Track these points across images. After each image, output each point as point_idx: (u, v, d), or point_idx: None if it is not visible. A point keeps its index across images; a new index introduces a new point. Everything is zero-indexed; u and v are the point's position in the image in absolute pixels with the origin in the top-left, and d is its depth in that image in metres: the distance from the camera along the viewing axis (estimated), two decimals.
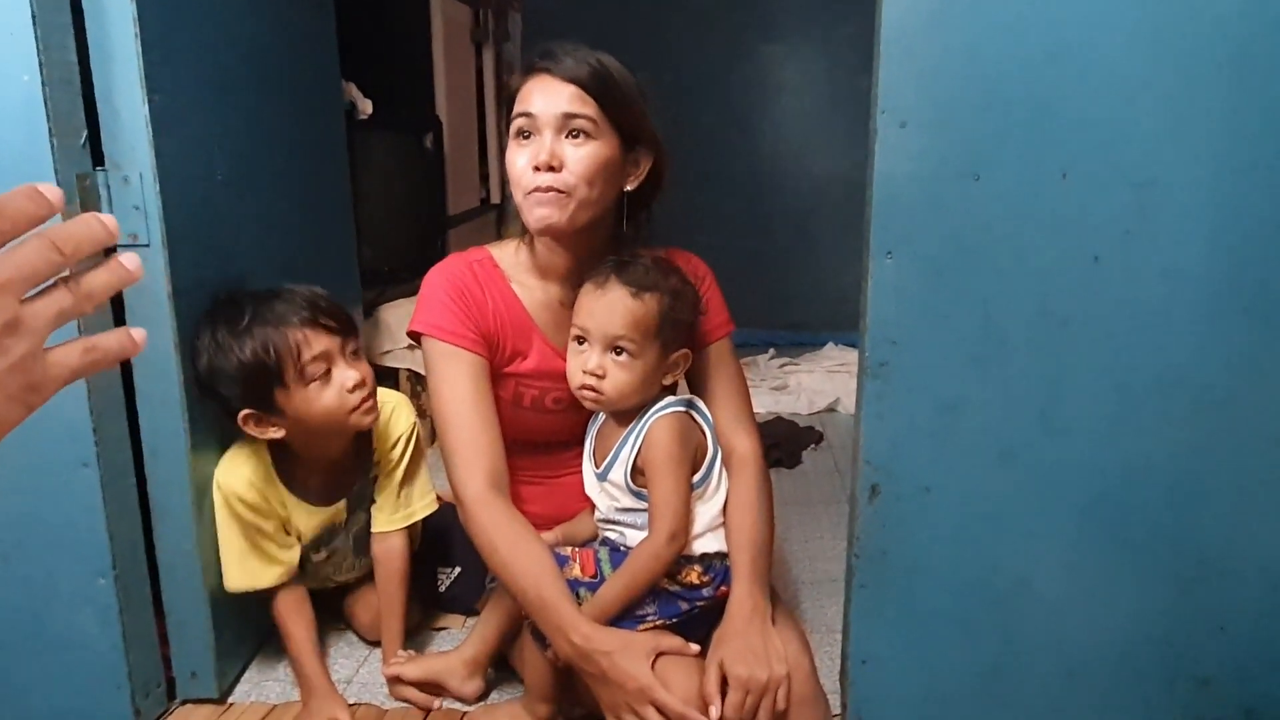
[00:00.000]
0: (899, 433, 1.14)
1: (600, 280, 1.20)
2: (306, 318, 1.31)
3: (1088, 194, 1.05)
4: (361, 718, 1.40)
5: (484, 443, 1.24)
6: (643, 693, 1.09)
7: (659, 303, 1.18)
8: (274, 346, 1.29)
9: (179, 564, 1.37)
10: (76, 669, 1.31)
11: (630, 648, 1.13)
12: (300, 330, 1.30)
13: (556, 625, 1.14)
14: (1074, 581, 1.17)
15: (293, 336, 1.30)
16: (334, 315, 1.35)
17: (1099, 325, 1.09)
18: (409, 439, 1.49)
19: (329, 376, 1.33)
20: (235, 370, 1.29)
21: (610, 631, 1.15)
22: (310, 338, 1.31)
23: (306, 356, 1.30)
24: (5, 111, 1.13)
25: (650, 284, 1.18)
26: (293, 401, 1.32)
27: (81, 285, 0.43)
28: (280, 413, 1.33)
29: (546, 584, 1.16)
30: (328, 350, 1.33)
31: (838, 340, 3.48)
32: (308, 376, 1.31)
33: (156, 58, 1.22)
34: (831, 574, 1.80)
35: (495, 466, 1.24)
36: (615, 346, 1.18)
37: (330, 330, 1.33)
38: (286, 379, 1.30)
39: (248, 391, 1.31)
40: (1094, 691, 1.20)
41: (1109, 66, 1.03)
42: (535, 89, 1.20)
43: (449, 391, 1.26)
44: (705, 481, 1.24)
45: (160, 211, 1.24)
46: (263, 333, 1.29)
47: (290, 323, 1.30)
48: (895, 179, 1.07)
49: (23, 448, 1.22)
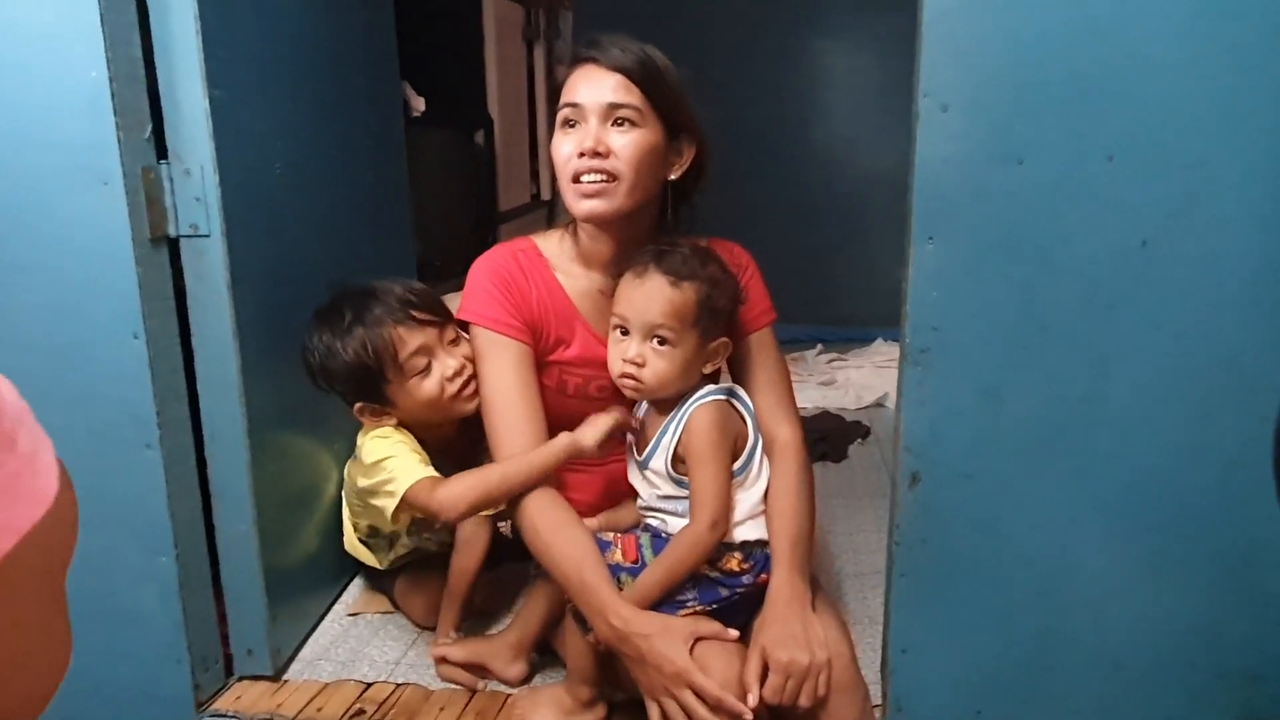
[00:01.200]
0: (940, 419, 1.14)
1: (639, 269, 1.21)
2: (401, 315, 1.38)
3: (1134, 177, 1.04)
4: (408, 698, 1.43)
5: (528, 428, 1.27)
6: (680, 676, 1.11)
7: (697, 291, 1.19)
8: (374, 347, 1.36)
9: (237, 544, 1.41)
10: (138, 644, 1.36)
11: (669, 631, 1.14)
12: (397, 328, 1.37)
13: (597, 608, 1.16)
14: (1118, 571, 1.15)
15: (391, 335, 1.37)
16: (429, 307, 1.41)
17: (1146, 310, 1.07)
18: None
19: (429, 368, 1.39)
20: (343, 370, 1.38)
21: (649, 615, 1.16)
22: (406, 334, 1.38)
23: (405, 353, 1.37)
24: (75, 106, 1.18)
25: (689, 272, 1.19)
26: (399, 394, 1.40)
27: None
28: (390, 403, 1.41)
29: (588, 567, 1.18)
30: (425, 344, 1.39)
31: (887, 336, 3.44)
32: (409, 371, 1.38)
33: (217, 53, 1.27)
34: (875, 566, 1.79)
35: None
36: (654, 335, 1.19)
37: (426, 323, 1.39)
38: (389, 375, 1.38)
39: (357, 387, 1.40)
40: (1138, 683, 1.18)
41: (1156, 44, 1.01)
42: (581, 79, 1.22)
43: (494, 378, 1.29)
44: (746, 469, 1.25)
45: (220, 203, 1.28)
46: (363, 334, 1.37)
47: (387, 322, 1.37)
48: (937, 163, 1.07)
49: (89, 430, 1.28)
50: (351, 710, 1.40)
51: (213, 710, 1.39)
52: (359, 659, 1.55)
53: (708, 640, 1.15)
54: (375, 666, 1.52)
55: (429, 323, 1.39)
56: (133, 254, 1.22)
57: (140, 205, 1.23)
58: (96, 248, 1.23)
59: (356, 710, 1.40)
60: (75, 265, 1.23)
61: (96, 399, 1.27)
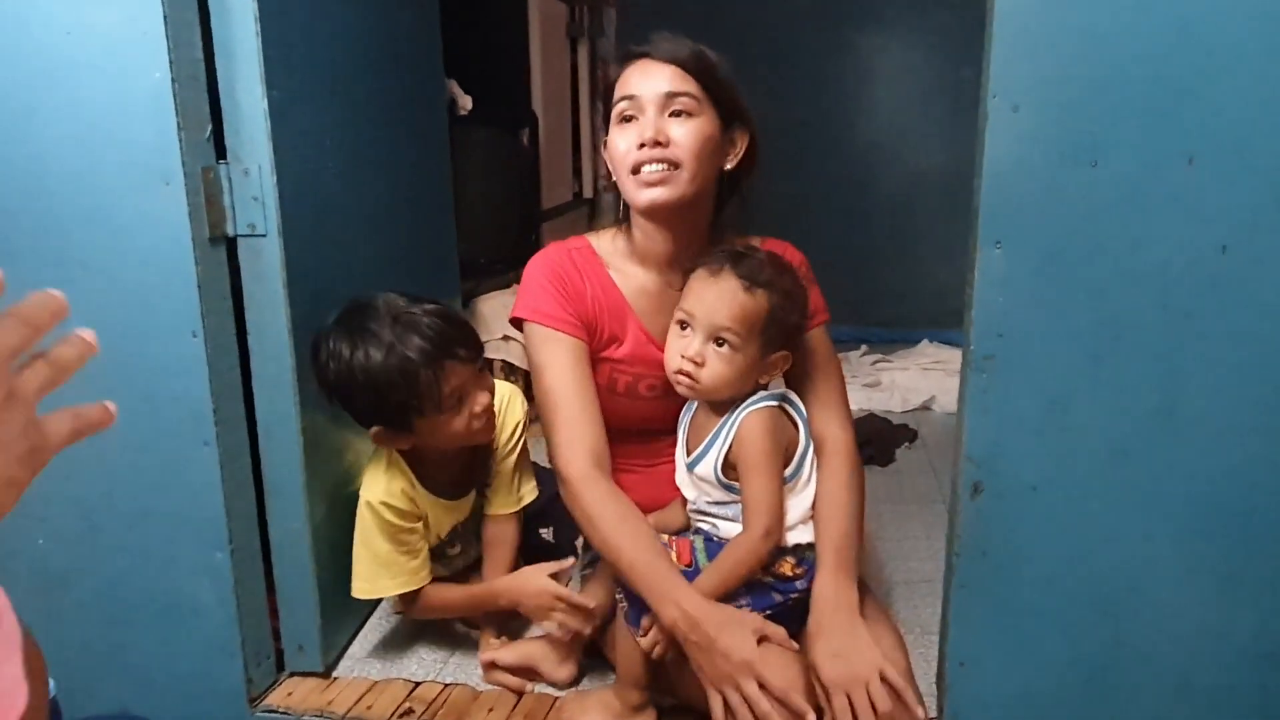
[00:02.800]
0: (1004, 428, 1.11)
1: (714, 268, 1.19)
2: (443, 353, 1.32)
3: (1214, 180, 1.00)
4: (457, 698, 1.43)
5: (586, 422, 1.26)
6: (747, 666, 1.09)
7: (770, 300, 1.17)
8: (420, 381, 1.31)
9: (289, 541, 1.42)
10: (194, 637, 1.38)
11: (738, 621, 1.13)
12: (437, 365, 1.32)
13: (666, 592, 1.15)
14: (1189, 589, 1.11)
15: (433, 372, 1.32)
16: (466, 342, 1.37)
17: (1225, 319, 1.03)
18: (522, 427, 1.54)
19: (461, 404, 1.37)
20: (371, 394, 1.32)
21: (719, 604, 1.16)
22: (447, 373, 1.33)
23: (445, 391, 1.33)
24: (138, 107, 1.20)
25: (765, 280, 1.18)
26: (425, 426, 1.37)
27: (58, 360, 0.49)
28: (414, 431, 1.38)
29: (654, 554, 1.18)
30: (463, 382, 1.36)
31: (933, 337, 3.39)
32: (445, 408, 1.35)
33: (275, 54, 1.27)
34: (926, 574, 1.76)
35: (597, 445, 1.26)
36: (718, 337, 1.18)
37: (464, 360, 1.36)
38: (426, 409, 1.34)
39: (382, 414, 1.36)
40: (1207, 705, 1.14)
41: (1239, 43, 0.97)
42: (635, 73, 1.23)
43: (552, 374, 1.28)
44: (796, 475, 1.24)
45: (277, 202, 1.29)
46: (405, 365, 1.30)
47: (428, 357, 1.31)
48: (1006, 165, 1.04)
49: (149, 427, 1.30)
50: (400, 709, 1.40)
51: (265, 706, 1.41)
52: (407, 657, 1.56)
53: (768, 643, 1.14)
54: (423, 665, 1.53)
55: (466, 359, 1.36)
56: (193, 253, 1.23)
57: (200, 205, 1.24)
58: (157, 247, 1.24)
59: (405, 710, 1.40)
60: (136, 264, 1.25)
61: (155, 396, 1.28)
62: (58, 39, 1.20)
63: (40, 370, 0.48)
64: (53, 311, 0.49)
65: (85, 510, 1.36)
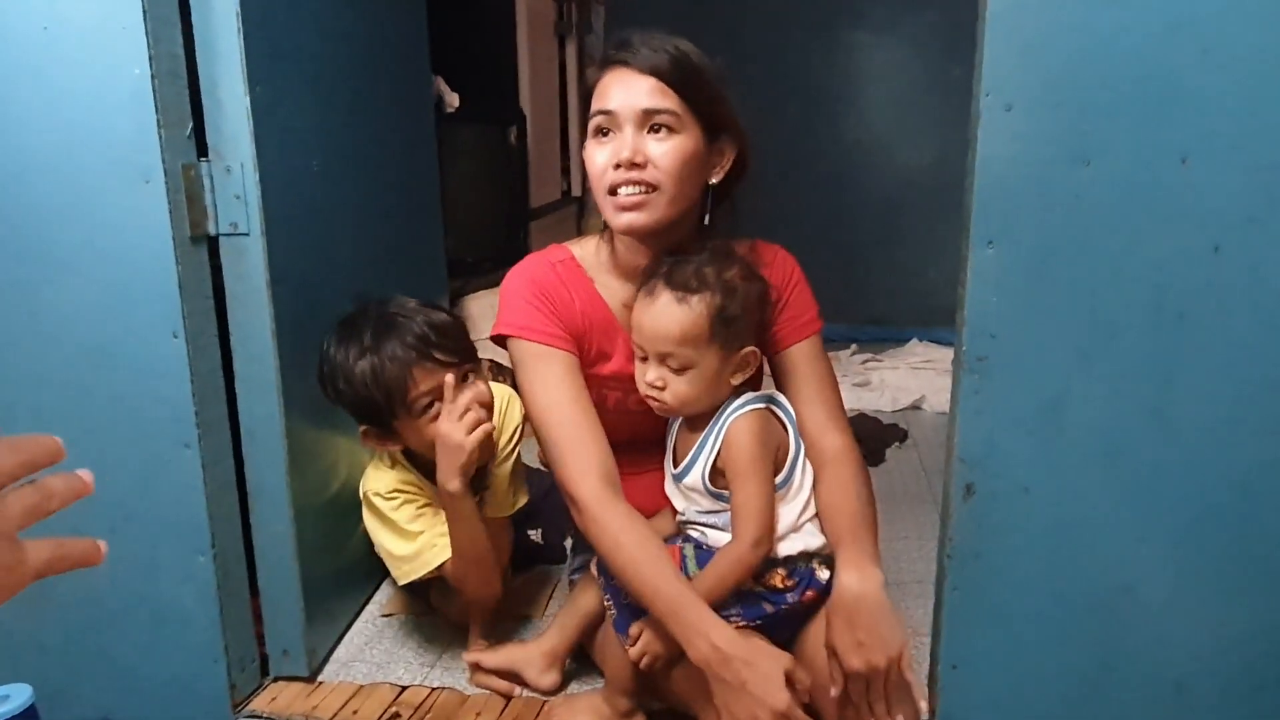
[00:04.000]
0: (997, 430, 1.10)
1: (650, 288, 1.16)
2: (416, 355, 1.30)
3: (1209, 179, 0.99)
4: (444, 702, 1.42)
5: (591, 441, 1.21)
6: (783, 716, 1.06)
7: (707, 305, 1.13)
8: (384, 382, 1.30)
9: (273, 544, 1.40)
10: (176, 642, 1.36)
11: (773, 659, 1.09)
12: (412, 368, 1.30)
13: (694, 626, 1.10)
14: (1183, 590, 1.11)
15: (405, 373, 1.30)
16: (447, 346, 1.33)
17: (1218, 319, 1.02)
18: (520, 431, 1.52)
19: (432, 409, 1.33)
20: (352, 397, 1.34)
21: (751, 640, 1.11)
22: (421, 376, 1.31)
23: (415, 393, 1.31)
24: (117, 103, 1.17)
25: (698, 285, 1.13)
26: (405, 429, 1.35)
27: (45, 488, 0.50)
28: (396, 434, 1.37)
29: (681, 582, 1.13)
30: (438, 386, 1.32)
31: (922, 336, 3.40)
32: (416, 411, 1.32)
33: (258, 50, 1.25)
34: (918, 575, 1.76)
35: (606, 464, 1.21)
36: (668, 361, 1.15)
37: (442, 364, 1.32)
38: (397, 411, 1.33)
39: (364, 414, 1.36)
40: (1202, 707, 1.14)
41: (1234, 40, 0.96)
42: (613, 83, 1.16)
43: (548, 393, 1.22)
44: (788, 482, 1.21)
45: (260, 201, 1.27)
46: (375, 366, 1.30)
47: (402, 359, 1.30)
48: (999, 164, 1.03)
49: (128, 429, 1.27)
50: (387, 714, 1.39)
51: (249, 711, 1.39)
52: (394, 661, 1.54)
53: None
54: (410, 669, 1.51)
55: (445, 363, 1.32)
56: (173, 252, 1.21)
57: (181, 203, 1.22)
58: (137, 246, 1.22)
59: (392, 714, 1.39)
60: (116, 263, 1.23)
61: (136, 398, 1.26)
62: (35, 34, 1.17)
63: (26, 494, 0.49)
64: (50, 451, 0.51)
65: (64, 513, 1.32)
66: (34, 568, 0.49)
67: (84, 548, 0.52)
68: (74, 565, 0.51)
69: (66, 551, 0.51)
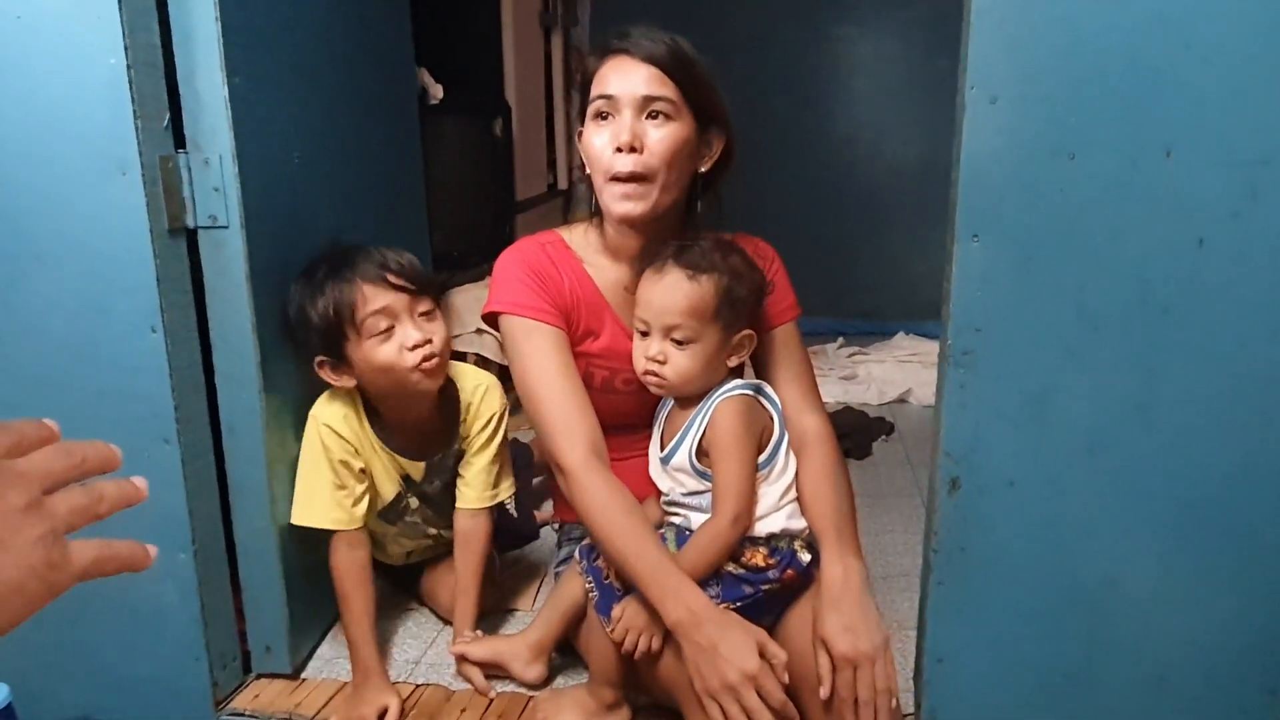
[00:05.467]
0: (982, 424, 1.10)
1: (658, 266, 1.20)
2: (372, 275, 1.33)
3: (1193, 173, 0.99)
4: (429, 699, 1.41)
5: (579, 412, 1.24)
6: (751, 678, 1.06)
7: (715, 284, 1.17)
8: (336, 300, 1.32)
9: (255, 541, 1.39)
10: (157, 640, 1.35)
11: (744, 629, 1.11)
12: (364, 286, 1.32)
13: (672, 589, 1.12)
14: (1167, 583, 1.11)
15: (355, 292, 1.32)
16: (405, 274, 1.35)
17: (1202, 313, 1.02)
18: (500, 419, 1.51)
19: (390, 333, 1.34)
20: (306, 321, 1.35)
21: (724, 610, 1.14)
22: (370, 294, 1.33)
23: (364, 311, 1.32)
24: (93, 94, 1.16)
25: (707, 265, 1.18)
26: (356, 354, 1.35)
27: (96, 490, 0.50)
28: (349, 363, 1.37)
29: (660, 550, 1.16)
30: (389, 306, 1.33)
31: (909, 329, 3.40)
32: (366, 331, 1.33)
33: (236, 40, 1.24)
34: (903, 569, 1.76)
35: (593, 434, 1.24)
36: (674, 333, 1.18)
37: (396, 288, 1.34)
38: (348, 331, 1.34)
39: (320, 340, 1.36)
40: (1185, 699, 1.14)
41: (1219, 34, 0.96)
42: (613, 70, 1.21)
43: (537, 365, 1.26)
44: (771, 463, 1.23)
45: (239, 193, 1.26)
46: (332, 287, 1.33)
47: (355, 279, 1.33)
48: (984, 158, 1.02)
49: (106, 424, 1.26)
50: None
51: (231, 709, 1.38)
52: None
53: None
54: (395, 666, 1.50)
55: (399, 288, 1.34)
56: (151, 245, 1.20)
57: (158, 196, 1.21)
58: (114, 239, 1.20)
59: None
60: (93, 257, 1.21)
61: (114, 393, 1.25)
62: (7, 23, 1.15)
63: (76, 495, 0.49)
64: (105, 458, 0.51)
65: None
66: (79, 568, 0.48)
67: (131, 550, 0.51)
68: (121, 568, 0.50)
69: (114, 553, 0.50)
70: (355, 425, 1.42)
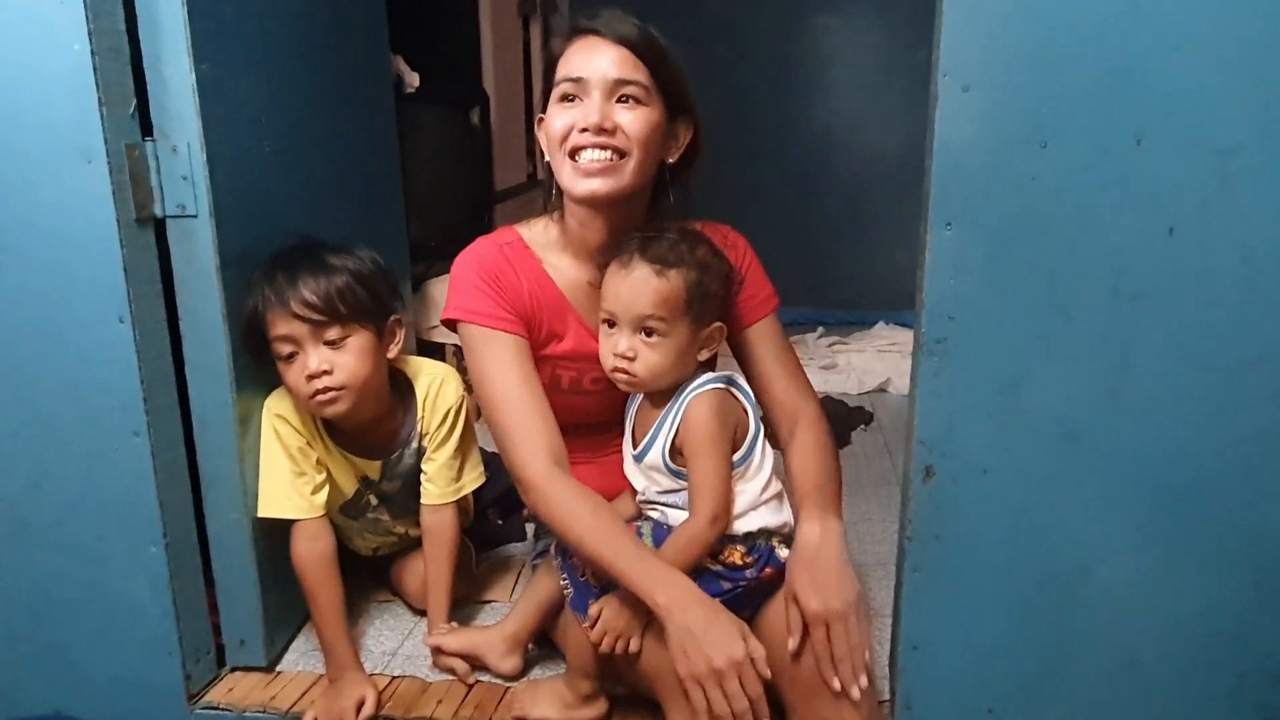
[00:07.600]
0: (956, 412, 1.10)
1: (625, 260, 1.16)
2: (280, 301, 1.30)
3: (1164, 162, 0.99)
4: (405, 690, 1.40)
5: (539, 421, 1.21)
6: (736, 666, 1.05)
7: (685, 278, 1.15)
8: (256, 312, 1.32)
9: (228, 533, 1.38)
10: (129, 635, 1.33)
11: (730, 620, 1.10)
12: (272, 309, 1.31)
13: (657, 578, 1.10)
14: (1139, 570, 1.12)
15: (263, 313, 1.32)
16: (316, 305, 1.31)
17: (1173, 301, 1.03)
18: (458, 412, 1.48)
19: (293, 359, 1.33)
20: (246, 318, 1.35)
21: (712, 600, 1.12)
22: (276, 319, 1.31)
23: (271, 333, 1.32)
24: (57, 81, 1.14)
25: (675, 259, 1.15)
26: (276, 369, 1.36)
27: None
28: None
29: (637, 545, 1.14)
30: (291, 335, 1.32)
31: (888, 319, 3.42)
32: (274, 351, 1.34)
33: (204, 25, 1.21)
34: (880, 557, 1.77)
35: (554, 443, 1.21)
36: (643, 327, 1.16)
37: (300, 318, 1.31)
38: (262, 351, 1.34)
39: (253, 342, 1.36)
40: (1157, 683, 1.15)
41: (1190, 24, 0.96)
42: (582, 51, 1.17)
43: (496, 375, 1.23)
44: (747, 460, 1.21)
45: (208, 182, 1.24)
46: (260, 298, 1.32)
47: (267, 298, 1.31)
48: (957, 146, 1.02)
49: (75, 417, 1.24)
50: None
51: (205, 703, 1.36)
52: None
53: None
54: (371, 658, 1.49)
55: (304, 319, 1.30)
56: (118, 235, 1.18)
57: (125, 184, 1.19)
58: (80, 229, 1.18)
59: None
60: (58, 247, 1.19)
61: (82, 385, 1.23)
62: None
63: None
64: None
65: (10, 504, 1.30)
66: None
67: None
68: None
69: None
70: (308, 419, 1.41)
